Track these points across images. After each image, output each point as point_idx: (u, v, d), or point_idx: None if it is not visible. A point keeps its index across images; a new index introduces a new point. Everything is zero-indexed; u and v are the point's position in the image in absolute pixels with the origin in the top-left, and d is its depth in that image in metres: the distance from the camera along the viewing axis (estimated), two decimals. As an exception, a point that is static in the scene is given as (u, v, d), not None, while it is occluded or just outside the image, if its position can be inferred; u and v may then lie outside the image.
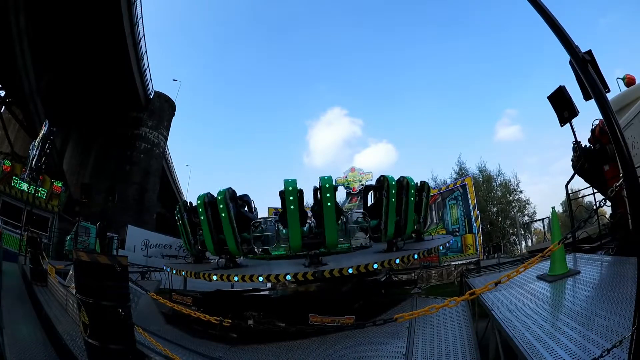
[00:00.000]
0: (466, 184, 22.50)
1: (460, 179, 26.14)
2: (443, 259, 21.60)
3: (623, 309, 3.14)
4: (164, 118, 41.30)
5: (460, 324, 5.89)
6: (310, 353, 5.74)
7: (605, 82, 6.07)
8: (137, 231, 26.94)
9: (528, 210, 37.30)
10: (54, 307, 6.73)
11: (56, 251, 19.03)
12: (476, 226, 21.25)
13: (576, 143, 8.03)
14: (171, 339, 6.45)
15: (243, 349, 6.44)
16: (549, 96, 8.22)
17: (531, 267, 3.46)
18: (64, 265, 10.50)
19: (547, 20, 3.00)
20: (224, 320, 4.19)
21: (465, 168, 38.18)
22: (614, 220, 6.79)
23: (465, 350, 4.92)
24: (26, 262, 10.35)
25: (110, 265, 3.87)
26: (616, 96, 7.68)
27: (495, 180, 38.34)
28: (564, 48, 2.91)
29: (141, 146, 37.98)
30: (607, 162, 6.91)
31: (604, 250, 6.67)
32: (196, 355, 6.02)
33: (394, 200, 8.12)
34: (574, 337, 3.02)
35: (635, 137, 6.40)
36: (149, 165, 38.57)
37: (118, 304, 3.88)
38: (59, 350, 4.78)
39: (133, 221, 29.58)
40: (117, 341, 3.90)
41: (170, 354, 4.76)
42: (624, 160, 2.45)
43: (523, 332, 3.51)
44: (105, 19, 27.74)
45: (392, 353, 5.21)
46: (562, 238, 3.48)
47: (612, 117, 2.56)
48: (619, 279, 4.11)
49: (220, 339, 6.94)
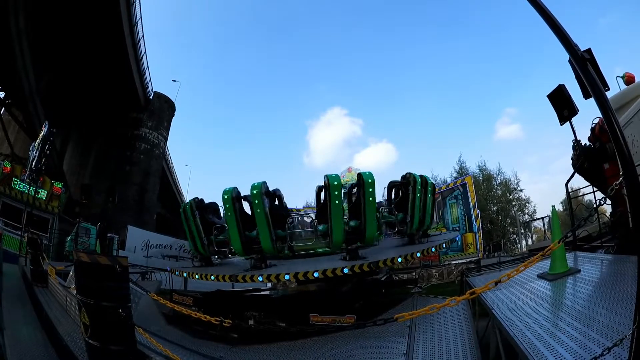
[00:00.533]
0: (466, 183, 22.51)
1: (460, 178, 26.16)
2: (443, 258, 21.60)
3: (624, 307, 3.13)
4: (164, 118, 41.28)
5: (460, 323, 5.89)
6: (311, 353, 5.74)
7: (604, 80, 6.07)
8: (137, 232, 26.99)
9: (528, 209, 37.35)
10: (55, 308, 6.73)
11: (56, 252, 19.04)
12: (476, 225, 21.25)
13: (576, 141, 8.03)
14: (172, 340, 6.46)
15: (244, 349, 6.44)
16: (549, 95, 8.23)
17: (531, 266, 3.45)
18: (64, 266, 10.50)
19: (546, 20, 3.00)
20: (224, 320, 4.19)
21: (465, 167, 38.24)
22: (614, 218, 6.78)
23: (466, 349, 4.92)
24: (26, 263, 10.34)
25: (111, 266, 3.87)
26: (616, 94, 7.67)
27: (495, 179, 38.38)
28: (563, 47, 2.91)
29: (141, 147, 37.96)
30: (606, 160, 6.90)
31: (604, 248, 6.67)
32: (197, 356, 6.02)
33: (419, 195, 8.44)
34: (574, 336, 3.01)
35: (635, 136, 6.39)
36: (149, 166, 38.56)
37: (118, 305, 3.88)
38: (59, 351, 4.78)
39: (133, 222, 29.62)
40: (118, 342, 3.90)
41: (171, 354, 4.76)
42: (623, 158, 2.45)
43: (524, 331, 3.50)
44: (105, 19, 27.72)
45: (393, 352, 5.21)
46: (562, 237, 3.48)
47: (611, 115, 2.57)
48: (620, 277, 4.11)
49: (221, 339, 6.94)
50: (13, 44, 23.13)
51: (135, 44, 31.61)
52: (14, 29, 22.81)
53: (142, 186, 37.32)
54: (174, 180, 48.56)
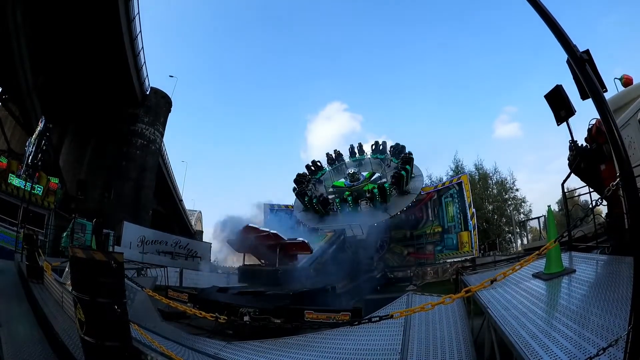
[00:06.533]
0: (462, 182, 22.57)
1: (456, 177, 26.21)
2: (438, 257, 21.71)
3: (618, 308, 3.15)
4: (160, 114, 41.15)
5: (455, 322, 5.91)
6: (306, 350, 5.75)
7: (602, 81, 6.08)
8: (133, 228, 27.00)
9: (524, 208, 37.44)
10: (50, 304, 6.70)
11: (52, 248, 18.99)
12: (472, 224, 21.33)
13: (572, 142, 8.06)
14: (167, 336, 6.44)
15: (239, 344, 6.44)
16: (546, 95, 8.24)
17: (527, 265, 3.46)
18: (60, 262, 10.46)
19: (545, 20, 3.01)
20: (219, 317, 4.19)
21: (461, 165, 38.31)
22: (610, 219, 6.82)
23: (461, 347, 4.94)
24: (22, 259, 10.30)
25: (106, 262, 3.85)
26: (613, 96, 7.69)
27: (492, 178, 38.46)
28: (562, 47, 2.92)
29: (137, 142, 37.80)
30: (603, 161, 6.94)
31: (599, 249, 6.70)
32: (192, 352, 6.01)
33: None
34: (569, 336, 3.03)
35: (632, 137, 6.42)
36: (145, 162, 38.41)
37: (114, 301, 3.87)
38: (55, 347, 4.76)
39: (129, 218, 29.54)
40: (113, 338, 3.89)
41: (166, 350, 4.76)
42: (620, 160, 2.46)
43: (518, 330, 3.51)
44: (102, 15, 27.57)
45: (388, 350, 5.22)
46: (557, 236, 3.49)
47: (609, 116, 2.57)
48: (615, 278, 4.13)
49: (216, 335, 6.94)
50: (10, 39, 22.98)
51: (132, 39, 31.46)
52: (11, 24, 22.66)
53: (138, 182, 37.16)
54: (170, 177, 48.41)
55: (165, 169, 45.64)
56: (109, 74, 32.46)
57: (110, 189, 23.35)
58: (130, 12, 29.88)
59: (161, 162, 43.33)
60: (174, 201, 50.51)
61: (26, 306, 6.74)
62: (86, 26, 27.86)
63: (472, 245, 20.91)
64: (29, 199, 16.48)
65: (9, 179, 17.50)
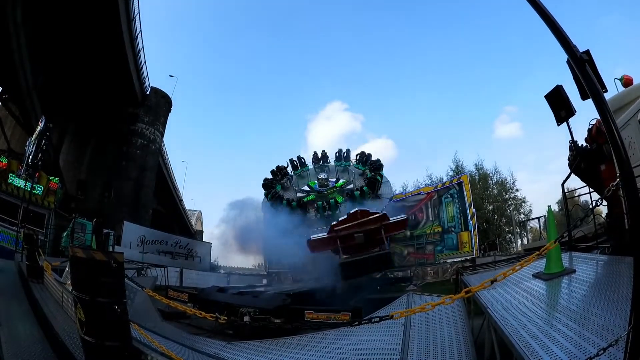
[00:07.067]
0: (462, 182, 22.55)
1: (456, 177, 26.19)
2: (439, 257, 21.67)
3: (619, 308, 3.15)
4: (160, 114, 41.09)
5: (456, 322, 5.91)
6: (306, 350, 5.75)
7: (602, 82, 6.08)
8: (133, 228, 27.01)
9: (524, 208, 37.36)
10: (50, 304, 6.70)
11: (52, 248, 18.98)
12: (472, 224, 21.28)
13: (573, 142, 8.06)
14: (167, 336, 6.45)
15: (239, 344, 6.45)
16: (546, 95, 8.24)
17: (527, 265, 3.46)
18: (60, 262, 10.46)
19: (545, 20, 3.00)
20: (219, 317, 4.19)
21: (461, 165, 38.24)
22: (610, 219, 6.82)
23: (461, 347, 4.94)
24: (22, 259, 10.30)
25: (106, 261, 3.85)
26: (613, 97, 7.69)
27: (492, 178, 38.38)
28: (562, 47, 2.92)
29: (137, 142, 37.73)
30: (603, 162, 6.93)
31: (599, 249, 6.70)
32: (192, 352, 6.01)
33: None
34: (569, 336, 3.02)
35: (632, 138, 6.42)
36: (145, 162, 38.35)
37: (114, 301, 3.87)
38: (55, 347, 4.76)
39: (129, 217, 29.55)
40: (113, 338, 3.89)
41: (166, 350, 4.76)
42: (620, 160, 2.46)
43: (519, 330, 3.51)
44: (102, 14, 27.54)
45: (388, 350, 5.22)
46: (558, 237, 3.50)
47: (609, 117, 2.57)
48: (615, 278, 4.13)
49: (216, 335, 6.94)
50: (10, 38, 22.97)
51: (132, 39, 31.40)
52: (11, 23, 22.64)
53: (138, 182, 37.12)
54: (170, 176, 48.39)
55: (165, 169, 45.61)
56: (109, 74, 32.39)
57: (110, 189, 23.30)
58: (130, 11, 29.82)
59: (161, 161, 43.28)
60: (174, 201, 50.49)
61: (26, 306, 6.73)
62: (86, 26, 27.81)
63: (472, 245, 20.85)
64: (29, 198, 16.48)
65: (9, 179, 17.49)
